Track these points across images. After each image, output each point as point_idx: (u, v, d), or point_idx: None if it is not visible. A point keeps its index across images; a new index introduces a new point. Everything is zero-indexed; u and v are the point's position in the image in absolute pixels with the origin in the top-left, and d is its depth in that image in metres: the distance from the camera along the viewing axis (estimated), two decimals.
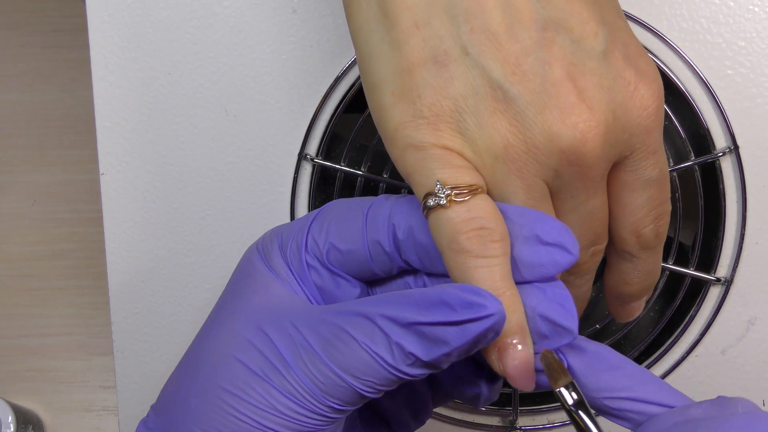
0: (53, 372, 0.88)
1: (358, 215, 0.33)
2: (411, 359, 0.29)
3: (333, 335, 0.30)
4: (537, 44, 0.29)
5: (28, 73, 0.91)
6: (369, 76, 0.31)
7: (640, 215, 0.33)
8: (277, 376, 0.30)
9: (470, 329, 0.28)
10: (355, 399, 0.30)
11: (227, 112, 0.45)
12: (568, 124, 0.29)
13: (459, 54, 0.30)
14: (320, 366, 0.30)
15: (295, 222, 0.34)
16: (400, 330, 0.29)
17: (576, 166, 0.30)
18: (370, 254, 0.32)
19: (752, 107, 0.44)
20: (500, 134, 0.30)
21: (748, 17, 0.44)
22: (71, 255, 0.89)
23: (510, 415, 0.47)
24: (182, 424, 0.31)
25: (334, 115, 0.45)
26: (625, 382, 0.31)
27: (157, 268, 0.47)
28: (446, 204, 0.29)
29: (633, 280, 0.36)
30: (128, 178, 0.46)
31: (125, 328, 0.47)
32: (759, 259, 0.45)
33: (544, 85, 0.29)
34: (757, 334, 0.46)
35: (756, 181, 0.44)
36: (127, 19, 0.45)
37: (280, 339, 0.30)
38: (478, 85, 0.30)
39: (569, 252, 0.29)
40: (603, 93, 0.30)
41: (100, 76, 0.45)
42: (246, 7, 0.45)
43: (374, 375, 0.29)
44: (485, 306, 0.28)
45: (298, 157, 0.46)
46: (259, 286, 0.33)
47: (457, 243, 0.29)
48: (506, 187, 0.31)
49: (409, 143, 0.30)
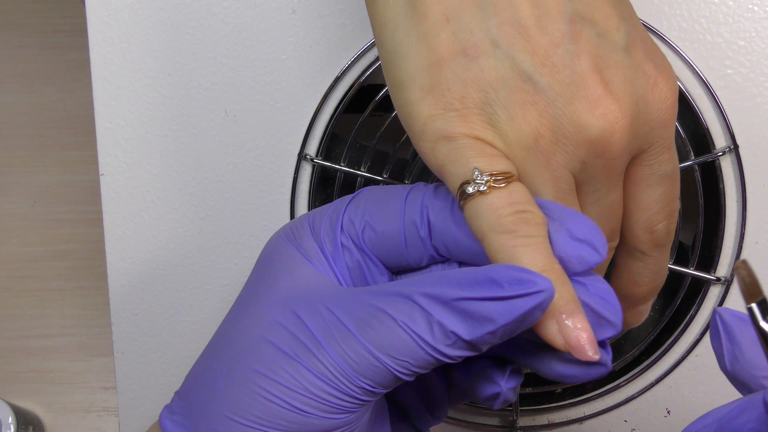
0: (53, 373, 0.88)
1: (396, 197, 0.33)
2: (452, 339, 0.28)
3: (369, 315, 0.29)
4: (565, 36, 0.30)
5: (28, 73, 0.91)
6: (396, 72, 0.31)
7: (654, 211, 0.33)
8: (308, 357, 0.29)
9: (518, 305, 0.28)
10: (389, 381, 0.30)
11: (227, 112, 0.45)
12: (596, 115, 0.30)
13: (489, 46, 0.30)
14: (354, 345, 0.29)
15: (327, 205, 0.34)
16: (443, 308, 0.28)
17: (602, 158, 0.31)
18: (405, 237, 0.32)
19: (752, 107, 0.44)
20: (531, 126, 0.30)
21: (748, 17, 0.44)
22: (71, 256, 0.89)
23: (510, 415, 0.47)
24: (208, 407, 0.31)
25: (334, 115, 0.45)
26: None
27: (157, 268, 0.47)
28: (486, 190, 0.29)
29: (643, 280, 0.36)
30: (128, 178, 0.46)
31: (125, 328, 0.47)
32: (759, 258, 0.45)
33: (572, 76, 0.30)
34: None
35: (756, 181, 0.44)
36: (127, 19, 0.45)
37: (312, 319, 0.30)
38: (509, 77, 0.30)
39: (597, 251, 0.30)
40: (627, 85, 0.30)
41: (99, 77, 0.45)
42: (246, 8, 0.45)
43: (411, 355, 0.29)
44: (535, 282, 0.27)
45: (298, 157, 0.46)
46: (288, 268, 0.33)
47: (500, 225, 0.29)
48: (536, 179, 0.31)
49: (440, 135, 0.30)
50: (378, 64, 0.45)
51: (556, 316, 0.29)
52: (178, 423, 0.32)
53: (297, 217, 0.35)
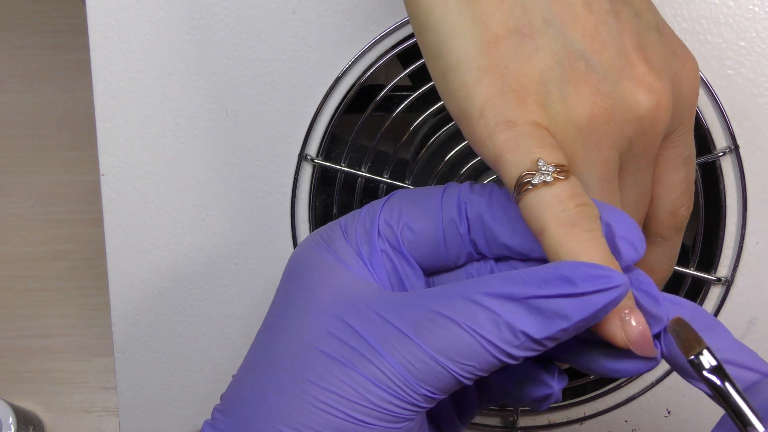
0: (54, 373, 0.88)
1: (431, 197, 0.32)
2: (521, 339, 0.28)
3: (426, 319, 0.28)
4: (609, 15, 0.30)
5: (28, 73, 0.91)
6: (448, 55, 0.31)
7: (678, 193, 0.34)
8: (364, 364, 0.28)
9: (594, 301, 0.27)
10: (450, 386, 0.29)
11: (227, 112, 0.45)
12: (643, 91, 0.30)
13: (542, 25, 0.30)
14: (414, 351, 0.28)
15: (357, 210, 0.33)
16: (512, 307, 0.28)
17: (647, 135, 0.31)
18: (444, 235, 0.32)
19: (752, 107, 0.44)
20: (583, 105, 0.30)
21: (749, 17, 0.44)
22: (72, 256, 0.89)
23: (510, 415, 0.47)
24: (257, 421, 0.30)
25: (335, 115, 0.45)
26: (720, 345, 0.30)
27: (158, 268, 0.47)
28: (551, 181, 0.29)
29: (660, 266, 0.36)
30: (128, 178, 0.46)
31: (126, 329, 0.47)
32: (759, 258, 0.45)
33: (619, 54, 0.30)
34: (757, 334, 0.46)
35: (756, 181, 0.44)
36: (127, 20, 0.45)
37: (362, 326, 0.29)
38: (562, 56, 0.30)
39: (636, 250, 0.29)
40: (663, 64, 0.31)
41: (100, 77, 0.45)
42: (246, 8, 0.45)
43: (476, 359, 0.28)
44: (611, 277, 0.27)
45: (299, 157, 0.46)
46: (326, 275, 0.32)
47: (567, 217, 0.28)
48: (585, 159, 0.30)
49: (499, 120, 0.30)
50: (379, 64, 0.45)
51: (620, 313, 0.28)
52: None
53: (324, 225, 0.34)
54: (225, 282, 0.47)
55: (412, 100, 0.45)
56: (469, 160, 0.46)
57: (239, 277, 0.47)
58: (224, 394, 0.33)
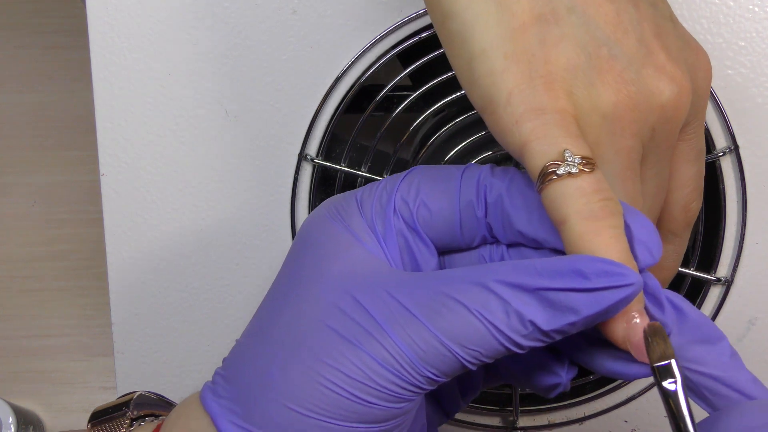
0: (54, 373, 0.88)
1: (451, 177, 0.32)
2: (528, 329, 0.28)
3: (437, 302, 0.28)
4: (629, 3, 0.31)
5: (29, 73, 0.91)
6: (475, 42, 0.30)
7: (690, 188, 0.34)
8: (372, 343, 0.28)
9: (605, 297, 0.27)
10: (454, 370, 0.29)
11: (227, 112, 0.45)
12: (665, 80, 0.30)
13: (565, 12, 0.30)
14: (422, 333, 0.28)
15: (374, 183, 0.33)
16: (523, 296, 0.28)
17: (669, 124, 0.31)
18: (461, 215, 0.32)
19: (752, 107, 0.44)
20: (608, 92, 0.30)
21: (748, 17, 0.44)
22: (72, 256, 0.89)
23: (510, 415, 0.47)
24: (263, 395, 0.29)
25: (335, 115, 0.45)
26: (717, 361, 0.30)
27: (158, 268, 0.47)
28: (577, 173, 0.28)
29: (669, 263, 0.36)
30: (128, 178, 0.46)
31: (126, 329, 0.47)
32: (759, 258, 0.45)
33: (640, 42, 0.30)
34: (757, 334, 0.46)
35: (756, 181, 0.44)
36: (127, 19, 0.45)
37: (373, 305, 0.29)
38: (586, 43, 0.30)
39: (652, 255, 0.29)
40: (680, 53, 0.31)
41: (100, 77, 0.45)
42: (246, 8, 0.45)
43: (483, 345, 0.28)
44: (625, 275, 0.27)
45: (298, 157, 0.46)
46: (338, 249, 0.31)
47: (590, 210, 0.28)
48: (609, 147, 0.30)
49: (526, 108, 0.29)
50: (378, 64, 0.45)
51: (627, 314, 0.28)
52: (227, 408, 0.30)
53: (339, 194, 0.34)
54: (225, 282, 0.47)
55: (412, 100, 0.45)
56: (470, 159, 0.46)
57: (239, 277, 0.47)
58: (227, 358, 0.32)
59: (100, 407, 0.36)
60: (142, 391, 0.37)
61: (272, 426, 0.29)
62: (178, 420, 0.32)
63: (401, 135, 0.46)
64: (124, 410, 0.35)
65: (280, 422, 0.29)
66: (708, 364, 0.30)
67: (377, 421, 0.29)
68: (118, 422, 0.35)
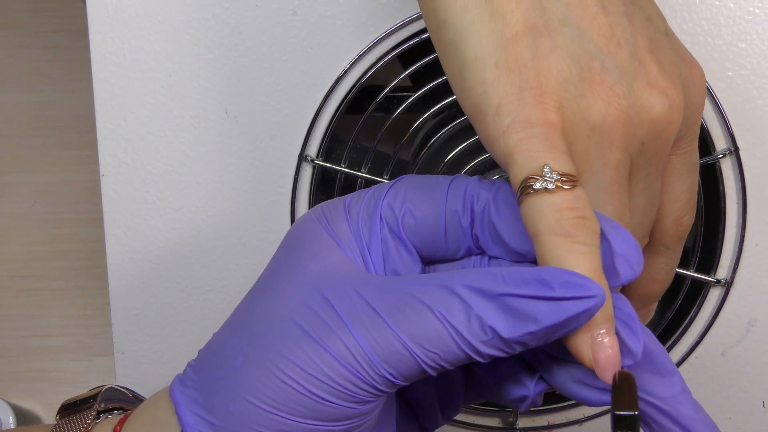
0: (54, 372, 0.88)
1: (438, 186, 0.32)
2: (488, 335, 0.28)
3: (402, 302, 0.28)
4: (624, 17, 0.31)
5: (29, 73, 0.91)
6: (467, 51, 0.31)
7: (683, 202, 0.34)
8: (332, 339, 0.28)
9: (566, 307, 0.27)
10: (413, 372, 0.29)
11: (227, 113, 0.45)
12: (657, 94, 0.30)
13: (559, 25, 0.30)
14: (383, 331, 0.28)
15: (363, 190, 0.33)
16: (485, 301, 0.28)
17: (659, 139, 0.31)
18: (446, 225, 0.32)
19: (752, 109, 0.44)
20: (599, 104, 0.30)
21: (749, 19, 0.44)
22: (72, 256, 0.89)
23: (510, 416, 0.47)
24: (224, 385, 0.30)
25: (335, 116, 0.45)
26: (670, 394, 0.30)
27: (158, 268, 0.47)
28: (553, 189, 0.29)
29: (661, 276, 0.35)
30: (128, 179, 0.46)
31: (126, 328, 0.47)
32: (759, 260, 0.45)
33: (633, 56, 0.30)
34: (757, 335, 0.46)
35: (756, 183, 0.44)
36: (127, 19, 0.45)
37: (341, 303, 0.29)
38: (579, 56, 0.30)
39: (633, 269, 0.29)
40: (674, 68, 0.31)
41: (100, 77, 0.45)
42: (246, 9, 0.45)
43: (442, 348, 0.28)
44: (588, 286, 0.27)
45: (299, 158, 0.46)
46: (317, 250, 0.32)
47: (560, 226, 0.28)
48: (597, 160, 0.30)
49: (514, 119, 0.30)
50: (379, 65, 0.45)
51: (593, 331, 0.28)
52: (190, 397, 0.31)
53: (330, 200, 0.34)
54: (225, 282, 0.47)
55: (412, 101, 0.45)
56: (469, 161, 0.46)
57: (239, 277, 0.47)
58: (201, 350, 0.33)
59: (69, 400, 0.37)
60: (112, 385, 0.37)
61: (229, 417, 0.29)
62: (146, 410, 0.32)
63: (401, 136, 0.46)
64: (91, 403, 0.36)
65: (236, 414, 0.29)
66: (663, 399, 0.30)
67: (333, 420, 0.29)
68: (84, 414, 0.35)
